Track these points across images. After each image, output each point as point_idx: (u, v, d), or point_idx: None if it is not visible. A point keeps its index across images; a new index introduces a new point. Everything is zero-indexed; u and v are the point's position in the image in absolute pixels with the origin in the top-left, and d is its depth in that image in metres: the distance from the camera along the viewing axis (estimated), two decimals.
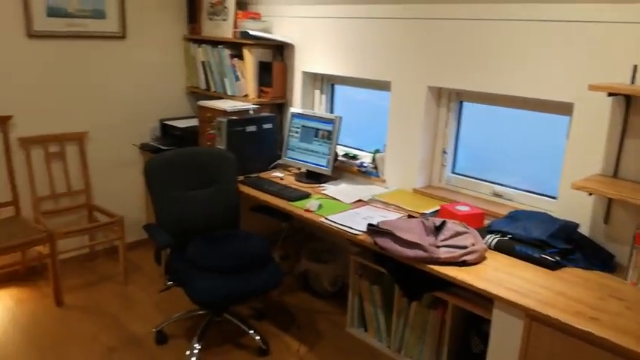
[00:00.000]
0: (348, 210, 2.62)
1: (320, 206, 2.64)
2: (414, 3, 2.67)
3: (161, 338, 2.73)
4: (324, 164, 3.05)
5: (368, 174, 3.06)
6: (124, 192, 3.73)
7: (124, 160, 3.70)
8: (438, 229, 2.20)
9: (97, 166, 3.56)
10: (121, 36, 3.47)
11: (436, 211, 2.56)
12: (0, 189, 3.15)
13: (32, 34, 3.11)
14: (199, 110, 3.42)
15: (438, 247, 2.10)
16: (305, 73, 3.39)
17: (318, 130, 3.09)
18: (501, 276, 1.97)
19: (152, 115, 3.75)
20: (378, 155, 3.02)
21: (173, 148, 2.81)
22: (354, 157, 3.21)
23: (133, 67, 3.59)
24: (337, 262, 3.18)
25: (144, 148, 3.65)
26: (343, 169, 3.18)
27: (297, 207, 2.66)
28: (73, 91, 3.36)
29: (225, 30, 3.47)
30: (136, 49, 3.57)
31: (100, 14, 3.34)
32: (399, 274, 2.38)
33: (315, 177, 3.10)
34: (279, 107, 3.54)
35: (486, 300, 1.96)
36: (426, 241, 2.10)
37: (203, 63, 3.66)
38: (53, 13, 3.16)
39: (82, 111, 3.42)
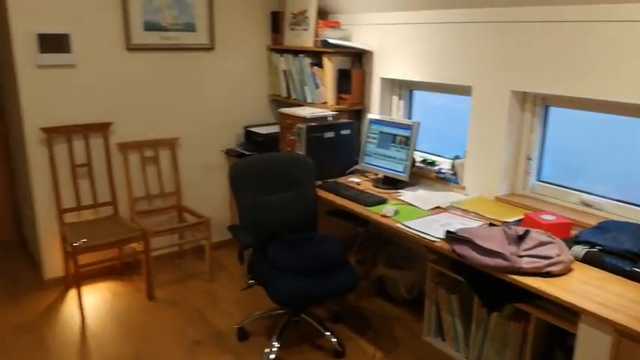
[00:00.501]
0: (425, 216, 2.60)
1: (396, 212, 2.64)
2: (497, 6, 2.61)
3: (242, 335, 2.85)
4: (402, 170, 3.05)
5: (446, 180, 3.02)
6: (211, 194, 3.94)
7: (212, 165, 3.90)
8: (520, 239, 2.13)
9: (186, 169, 3.78)
10: (210, 47, 3.68)
11: (519, 219, 2.48)
12: (101, 190, 3.44)
13: (131, 47, 3.37)
14: (280, 117, 3.54)
15: (521, 256, 2.03)
16: (383, 80, 3.41)
17: (395, 135, 3.09)
18: (589, 289, 1.88)
19: (237, 121, 3.93)
20: (457, 161, 2.97)
21: (256, 154, 2.93)
22: (432, 163, 3.18)
23: (221, 76, 3.79)
24: (414, 268, 3.15)
25: (229, 153, 3.83)
26: (421, 176, 3.16)
27: (373, 212, 2.68)
28: (166, 100, 3.60)
29: (306, 39, 3.57)
30: (223, 59, 3.77)
31: (191, 27, 3.56)
32: (477, 283, 2.33)
33: (392, 183, 3.10)
34: (357, 113, 3.58)
35: (572, 313, 1.88)
36: (508, 250, 2.05)
37: (285, 72, 3.78)
38: (149, 27, 3.41)
39: (174, 118, 3.66)
